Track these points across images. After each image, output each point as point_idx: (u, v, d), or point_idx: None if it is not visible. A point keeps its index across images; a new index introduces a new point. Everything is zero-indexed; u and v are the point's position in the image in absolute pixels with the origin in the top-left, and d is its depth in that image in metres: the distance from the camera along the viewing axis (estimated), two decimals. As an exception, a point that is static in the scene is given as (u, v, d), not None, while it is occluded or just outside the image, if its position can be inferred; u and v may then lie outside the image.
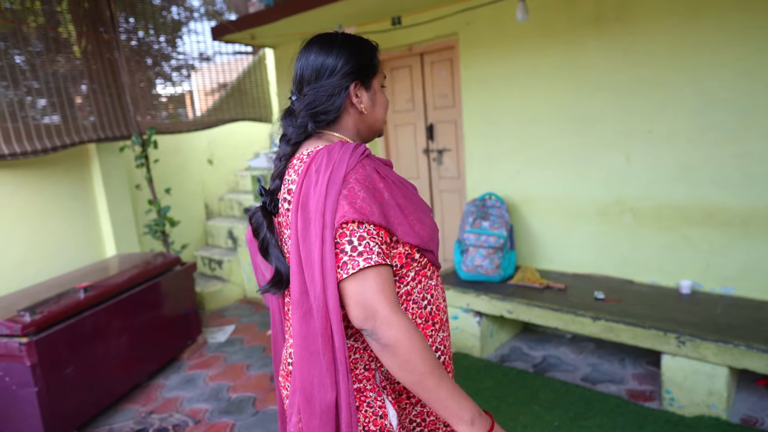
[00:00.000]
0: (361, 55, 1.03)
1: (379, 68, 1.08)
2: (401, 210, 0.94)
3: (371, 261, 0.85)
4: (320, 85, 1.00)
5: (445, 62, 3.71)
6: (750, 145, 2.48)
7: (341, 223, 0.87)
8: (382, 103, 1.09)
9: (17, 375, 2.20)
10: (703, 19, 2.52)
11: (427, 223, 0.99)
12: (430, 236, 1.00)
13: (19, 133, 2.98)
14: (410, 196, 1.00)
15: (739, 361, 2.11)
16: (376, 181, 0.93)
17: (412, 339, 0.84)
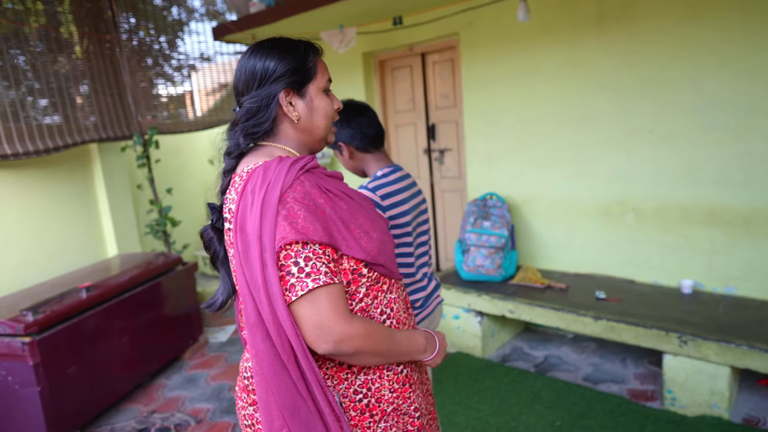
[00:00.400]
0: (291, 61, 0.98)
1: (318, 72, 1.01)
2: (345, 224, 0.92)
3: (319, 281, 0.85)
4: (251, 96, 0.97)
5: (447, 62, 3.71)
6: (752, 145, 2.48)
7: (284, 245, 0.85)
8: (321, 109, 1.02)
9: (20, 374, 2.20)
10: (704, 19, 2.52)
11: (374, 236, 0.96)
12: (379, 249, 0.96)
13: (21, 133, 2.98)
14: (356, 208, 0.97)
15: (741, 361, 2.11)
16: (316, 197, 0.90)
17: (372, 338, 0.90)
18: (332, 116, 1.05)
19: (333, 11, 3.25)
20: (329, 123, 1.04)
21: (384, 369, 0.99)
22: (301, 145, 1.03)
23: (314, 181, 0.93)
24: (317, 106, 1.01)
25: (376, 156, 1.58)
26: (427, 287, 1.58)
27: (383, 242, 0.98)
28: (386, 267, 0.99)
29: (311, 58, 1.01)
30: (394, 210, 1.47)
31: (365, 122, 1.54)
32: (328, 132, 1.05)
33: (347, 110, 1.53)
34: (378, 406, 0.99)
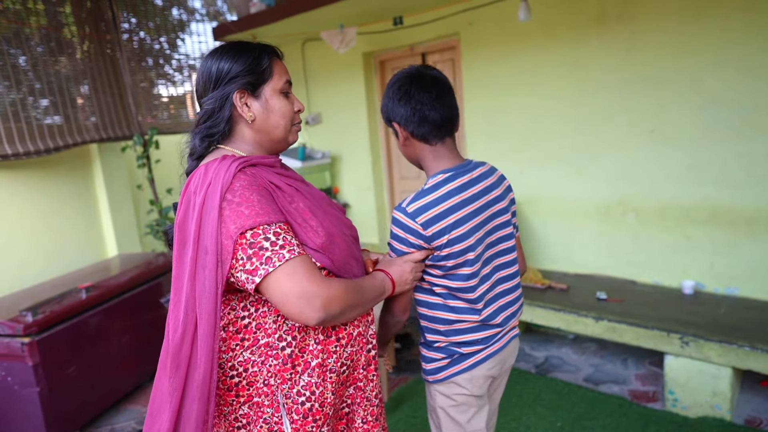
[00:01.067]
0: (245, 62, 0.99)
1: (274, 74, 1.02)
2: (290, 215, 0.95)
3: (294, 252, 0.88)
4: (207, 99, 0.99)
5: (447, 62, 3.70)
6: (755, 145, 2.47)
7: (249, 227, 0.87)
8: (277, 110, 1.02)
9: (19, 375, 2.20)
10: (706, 18, 2.51)
11: (320, 233, 0.97)
12: (324, 246, 0.97)
13: (21, 133, 2.98)
14: (303, 205, 0.99)
15: (743, 362, 2.10)
16: (258, 185, 0.93)
17: (350, 293, 0.95)
18: (290, 117, 1.05)
19: (333, 11, 3.24)
20: (288, 123, 1.04)
21: (328, 371, 1.00)
22: (258, 146, 1.04)
23: (257, 175, 0.95)
24: (273, 106, 1.02)
25: (437, 151, 1.18)
26: (506, 309, 1.25)
27: (331, 239, 0.99)
28: (335, 264, 0.99)
29: (266, 59, 1.01)
30: (442, 239, 1.11)
31: (428, 100, 1.13)
32: (288, 132, 1.06)
33: (411, 80, 1.15)
34: (321, 410, 0.99)
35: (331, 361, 1.00)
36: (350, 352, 1.04)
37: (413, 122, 1.15)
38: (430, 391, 1.30)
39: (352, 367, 1.07)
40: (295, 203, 0.97)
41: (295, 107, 1.06)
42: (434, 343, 1.25)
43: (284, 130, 1.04)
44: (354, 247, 1.08)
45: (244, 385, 0.97)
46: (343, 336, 1.03)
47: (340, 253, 1.00)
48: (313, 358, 0.98)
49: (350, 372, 1.07)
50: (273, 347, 0.95)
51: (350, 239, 1.07)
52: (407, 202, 1.13)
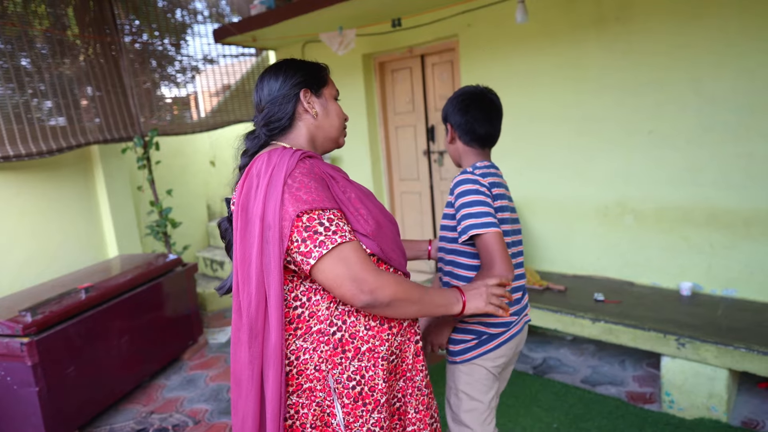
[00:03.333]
0: (308, 69, 1.11)
1: (330, 82, 1.15)
2: (343, 203, 1.01)
3: (346, 237, 0.94)
4: (273, 98, 1.09)
5: (446, 64, 3.71)
6: (752, 146, 2.47)
7: (306, 211, 0.93)
8: (335, 111, 1.15)
9: (18, 375, 2.21)
10: (703, 19, 2.51)
11: (370, 221, 1.03)
12: (375, 232, 1.03)
13: (24, 135, 3.01)
14: (353, 195, 1.04)
15: (739, 364, 2.09)
16: (316, 173, 0.99)
17: (403, 286, 0.98)
18: (343, 120, 1.16)
19: (332, 13, 3.26)
20: (341, 124, 1.16)
21: (379, 358, 1.02)
22: (312, 144, 1.11)
23: (315, 165, 1.02)
24: (331, 108, 1.13)
25: (477, 153, 1.47)
26: (521, 300, 1.45)
27: (379, 228, 1.04)
28: (383, 251, 1.03)
29: (323, 70, 1.15)
30: (499, 202, 1.34)
31: (480, 118, 1.42)
32: (341, 134, 1.16)
33: (473, 96, 1.44)
34: (371, 396, 1.01)
35: (383, 348, 1.03)
36: (399, 341, 1.08)
37: (463, 130, 1.44)
38: (453, 373, 1.41)
39: (401, 357, 1.09)
40: (347, 193, 1.03)
41: (344, 115, 1.18)
42: (465, 324, 1.37)
43: (338, 131, 1.15)
44: (398, 238, 1.13)
45: (294, 374, 1.01)
46: (393, 324, 1.06)
47: (388, 241, 1.06)
48: (363, 343, 1.02)
49: (399, 362, 1.09)
50: (324, 333, 1.00)
51: (395, 230, 1.13)
52: (473, 169, 1.36)
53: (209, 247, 4.90)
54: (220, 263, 4.52)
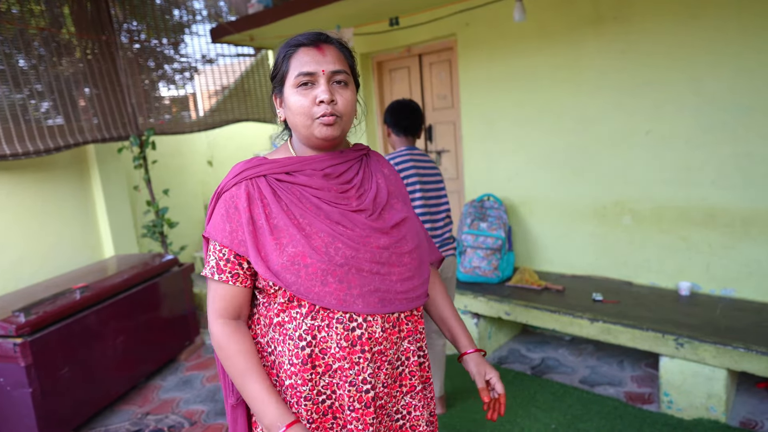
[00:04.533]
0: (273, 67, 1.03)
1: (290, 68, 0.97)
2: (263, 233, 0.96)
3: (206, 272, 1.00)
4: None
5: (444, 63, 3.70)
6: (750, 146, 2.46)
7: (208, 235, 1.00)
8: (292, 107, 0.97)
9: (12, 376, 2.19)
10: (701, 19, 2.50)
11: (289, 250, 0.94)
12: (285, 266, 0.93)
13: (21, 134, 2.98)
14: (295, 218, 0.96)
15: (738, 364, 2.08)
16: (239, 203, 0.96)
17: (221, 348, 0.97)
18: (306, 112, 0.96)
19: (330, 12, 3.24)
20: (304, 119, 0.97)
21: (346, 383, 0.98)
22: (301, 143, 1.05)
23: (255, 185, 0.98)
24: (289, 104, 0.98)
25: (403, 140, 2.21)
26: (443, 235, 2.19)
27: (295, 261, 0.93)
28: (291, 288, 0.93)
29: (283, 54, 0.99)
30: (415, 170, 2.12)
31: (403, 116, 2.19)
32: (309, 128, 0.97)
33: (399, 104, 2.21)
34: (342, 412, 1.00)
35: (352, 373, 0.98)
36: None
37: (393, 125, 2.22)
38: None
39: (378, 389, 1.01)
40: (273, 220, 0.96)
41: (317, 98, 0.95)
42: None
43: (304, 127, 0.98)
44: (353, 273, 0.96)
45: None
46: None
47: (305, 276, 0.93)
48: (335, 361, 0.99)
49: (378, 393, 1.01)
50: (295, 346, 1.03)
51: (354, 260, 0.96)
52: (391, 155, 2.18)
53: (206, 248, 4.88)
54: (217, 263, 4.50)
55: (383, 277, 0.99)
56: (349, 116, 0.99)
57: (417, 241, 1.07)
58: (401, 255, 1.02)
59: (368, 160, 1.12)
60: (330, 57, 0.97)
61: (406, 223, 1.07)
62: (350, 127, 1.04)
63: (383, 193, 1.07)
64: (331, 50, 0.98)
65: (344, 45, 1.03)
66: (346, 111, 0.98)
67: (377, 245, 0.99)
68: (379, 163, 1.15)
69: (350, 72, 1.01)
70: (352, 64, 1.03)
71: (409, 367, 1.06)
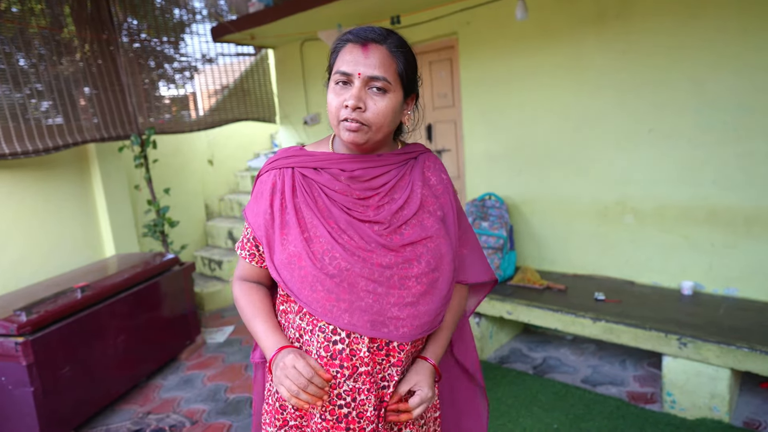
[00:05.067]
0: (330, 55, 0.98)
1: (336, 62, 0.94)
2: (277, 226, 0.97)
3: (236, 247, 1.07)
4: None
5: (445, 62, 3.69)
6: (753, 145, 2.45)
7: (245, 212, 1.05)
8: (328, 102, 0.95)
9: (13, 375, 2.19)
10: (703, 18, 2.49)
11: (290, 248, 0.94)
12: (284, 263, 0.94)
13: (20, 133, 2.98)
14: (314, 212, 0.95)
15: (741, 363, 2.08)
16: (265, 189, 1.00)
17: (237, 300, 1.05)
18: (334, 112, 0.92)
19: (331, 10, 3.24)
20: (333, 119, 0.94)
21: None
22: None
23: (281, 176, 1.00)
24: (329, 96, 0.95)
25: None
26: None
27: (292, 260, 0.93)
28: (287, 285, 0.94)
29: (334, 47, 0.96)
30: None
31: None
32: (336, 128, 0.94)
33: None
34: (358, 423, 0.95)
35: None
36: (352, 387, 0.94)
37: None
38: None
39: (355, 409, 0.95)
40: (285, 215, 0.97)
41: (345, 102, 0.90)
42: None
43: (333, 126, 0.95)
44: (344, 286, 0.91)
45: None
46: (347, 366, 0.93)
47: (299, 279, 0.92)
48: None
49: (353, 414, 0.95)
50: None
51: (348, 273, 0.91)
52: None
53: (207, 247, 4.87)
54: (218, 262, 4.49)
55: (379, 297, 0.91)
56: (380, 125, 0.92)
57: (435, 264, 0.95)
58: (405, 278, 0.93)
59: (415, 164, 1.04)
60: (373, 60, 0.90)
61: (426, 243, 0.96)
62: (385, 136, 0.97)
63: (413, 205, 0.98)
64: (378, 52, 0.91)
65: (399, 47, 0.95)
66: (375, 120, 0.91)
67: (378, 262, 0.92)
68: (427, 170, 1.06)
69: (396, 78, 0.93)
70: (402, 70, 0.94)
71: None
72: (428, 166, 1.07)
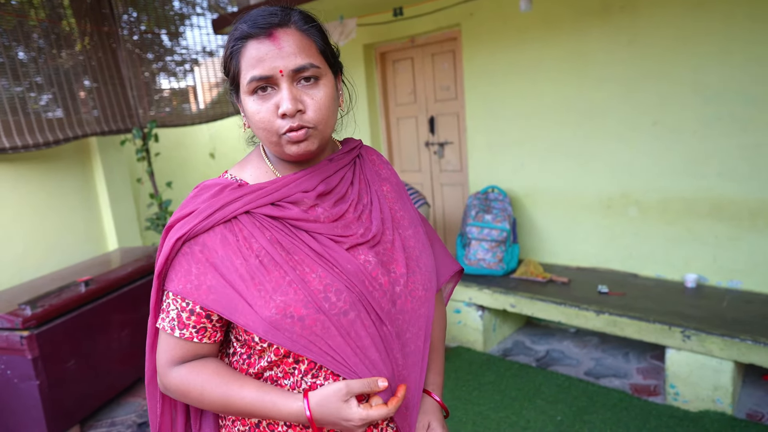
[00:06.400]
0: (222, 64, 0.80)
1: (241, 67, 0.75)
2: (245, 281, 0.75)
3: (164, 326, 0.80)
4: None
5: (448, 54, 3.67)
6: (758, 136, 2.44)
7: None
8: (251, 118, 0.76)
9: (19, 368, 2.20)
10: (709, 8, 2.47)
11: (277, 299, 0.74)
12: (274, 320, 0.73)
13: (20, 127, 2.97)
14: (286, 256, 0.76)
15: (745, 356, 2.08)
16: (212, 255, 0.76)
17: (187, 388, 0.80)
18: (268, 127, 0.74)
19: (333, 2, 3.21)
20: (267, 134, 0.75)
21: None
22: (270, 157, 0.85)
23: (231, 228, 0.77)
24: (248, 114, 0.77)
25: None
26: None
27: (284, 311, 0.73)
28: (282, 344, 0.74)
29: (229, 51, 0.76)
30: None
31: None
32: (277, 146, 0.76)
33: None
34: None
35: None
36: None
37: None
38: None
39: None
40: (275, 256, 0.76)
41: (279, 109, 0.73)
42: None
43: (270, 144, 0.76)
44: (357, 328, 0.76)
45: None
46: None
47: (300, 328, 0.74)
48: None
49: None
50: None
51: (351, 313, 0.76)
52: None
53: (209, 240, 4.88)
54: (221, 256, 4.50)
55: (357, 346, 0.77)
56: (325, 121, 0.76)
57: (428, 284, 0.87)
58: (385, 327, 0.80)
59: (362, 162, 0.91)
60: (289, 48, 0.73)
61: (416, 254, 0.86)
62: (331, 132, 0.81)
63: (386, 209, 0.87)
64: (290, 37, 0.74)
65: (308, 20, 0.78)
66: (320, 117, 0.75)
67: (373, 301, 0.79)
68: (374, 164, 0.93)
69: (321, 60, 0.76)
70: (323, 46, 0.78)
71: None
72: (373, 159, 0.94)
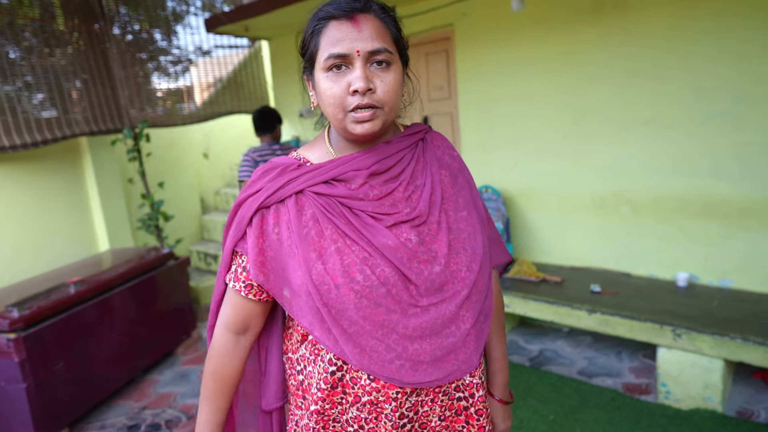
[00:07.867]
0: (301, 43, 0.84)
1: (320, 45, 0.79)
2: (290, 255, 0.82)
3: (228, 277, 0.89)
4: None
5: (441, 54, 3.66)
6: (749, 135, 2.45)
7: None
8: (322, 94, 0.80)
9: (6, 371, 2.17)
10: (700, 7, 2.48)
11: (299, 274, 0.80)
12: (310, 291, 0.79)
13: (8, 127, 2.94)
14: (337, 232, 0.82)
15: (735, 354, 2.09)
16: (267, 227, 0.84)
17: (208, 358, 0.93)
18: (338, 102, 0.78)
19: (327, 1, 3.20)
20: (336, 110, 0.79)
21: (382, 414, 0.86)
22: (336, 131, 0.88)
23: (286, 205, 0.84)
24: (320, 91, 0.81)
25: (262, 138, 2.85)
26: None
27: (323, 279, 0.79)
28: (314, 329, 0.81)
29: (311, 30, 0.81)
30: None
31: (255, 118, 2.84)
32: (342, 122, 0.80)
33: (258, 110, 2.84)
34: None
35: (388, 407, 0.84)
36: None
37: (254, 126, 2.86)
38: None
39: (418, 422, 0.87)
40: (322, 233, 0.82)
41: (351, 86, 0.77)
42: None
43: (336, 120, 0.80)
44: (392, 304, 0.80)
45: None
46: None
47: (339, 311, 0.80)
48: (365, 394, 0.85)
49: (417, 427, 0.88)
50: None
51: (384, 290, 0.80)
52: (250, 151, 2.74)
53: (203, 241, 4.85)
54: (214, 257, 4.47)
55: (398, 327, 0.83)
56: (392, 104, 0.80)
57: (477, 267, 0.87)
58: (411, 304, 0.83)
59: (424, 146, 0.93)
60: (368, 32, 0.78)
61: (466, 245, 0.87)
62: (395, 116, 0.85)
63: (437, 192, 0.89)
64: (370, 22, 0.79)
65: (387, 11, 0.83)
66: (388, 99, 0.79)
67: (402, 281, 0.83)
68: (438, 148, 0.95)
69: (394, 47, 0.81)
70: (397, 36, 0.83)
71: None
72: (437, 144, 0.96)
